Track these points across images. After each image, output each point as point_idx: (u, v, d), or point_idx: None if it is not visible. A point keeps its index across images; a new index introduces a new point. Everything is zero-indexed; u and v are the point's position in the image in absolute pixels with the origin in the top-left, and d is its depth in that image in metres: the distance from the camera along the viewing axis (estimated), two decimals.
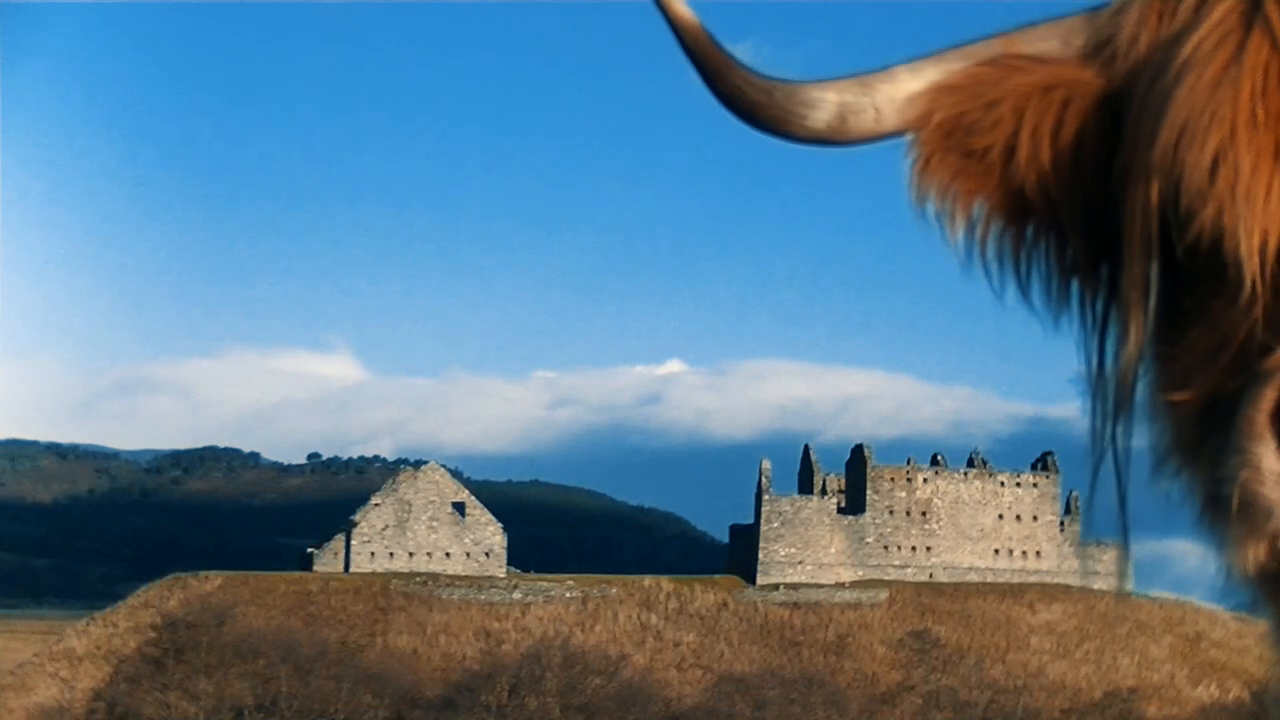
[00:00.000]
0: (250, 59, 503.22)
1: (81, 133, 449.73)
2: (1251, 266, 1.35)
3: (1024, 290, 1.62)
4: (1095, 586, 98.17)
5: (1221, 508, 1.35)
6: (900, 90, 1.57)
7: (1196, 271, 1.43)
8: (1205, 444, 1.42)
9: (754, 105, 1.57)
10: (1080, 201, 1.56)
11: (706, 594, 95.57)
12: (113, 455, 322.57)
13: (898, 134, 1.59)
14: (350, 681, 76.70)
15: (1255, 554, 1.33)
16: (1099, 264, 1.58)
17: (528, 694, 77.30)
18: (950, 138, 1.58)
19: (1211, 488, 1.39)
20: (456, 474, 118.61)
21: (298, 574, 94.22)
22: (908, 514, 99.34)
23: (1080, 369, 1.61)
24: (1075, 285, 1.61)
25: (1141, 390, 1.54)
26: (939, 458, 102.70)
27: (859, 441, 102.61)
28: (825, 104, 1.56)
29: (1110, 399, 1.55)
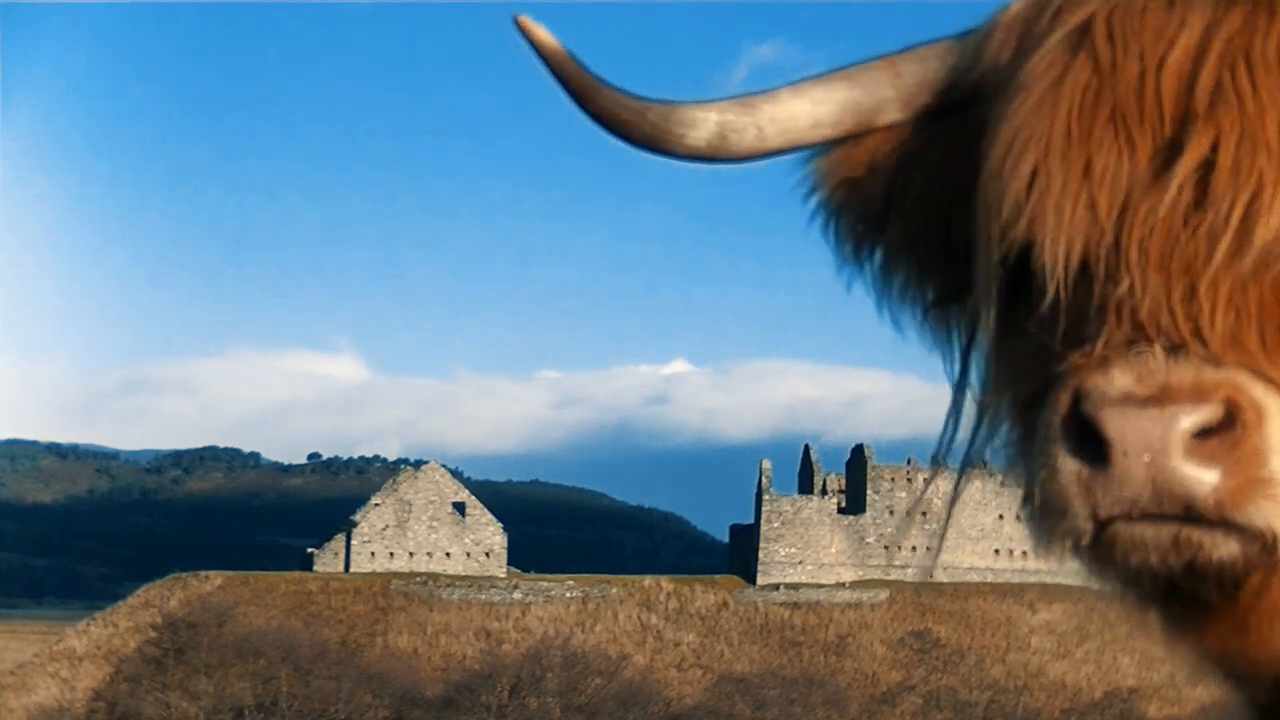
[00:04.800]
0: (253, 58, 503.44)
1: (83, 132, 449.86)
2: (1056, 276, 1.42)
3: (923, 317, 1.72)
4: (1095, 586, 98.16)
5: (1030, 505, 1.43)
6: (783, 110, 1.60)
7: (1020, 283, 1.50)
8: (1023, 445, 1.50)
9: (626, 125, 1.60)
10: (958, 231, 1.62)
11: (706, 594, 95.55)
12: (113, 455, 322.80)
13: (783, 152, 1.63)
14: (350, 681, 76.69)
15: (1060, 550, 1.41)
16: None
17: (528, 694, 77.28)
18: (839, 195, 1.68)
19: (1025, 486, 1.47)
20: (456, 474, 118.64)
21: (298, 574, 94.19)
22: (908, 514, 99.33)
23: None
24: (959, 308, 1.70)
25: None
26: None
27: (868, 441, 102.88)
28: (705, 123, 1.59)
29: (977, 406, 1.65)
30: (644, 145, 1.61)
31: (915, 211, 1.65)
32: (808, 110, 1.61)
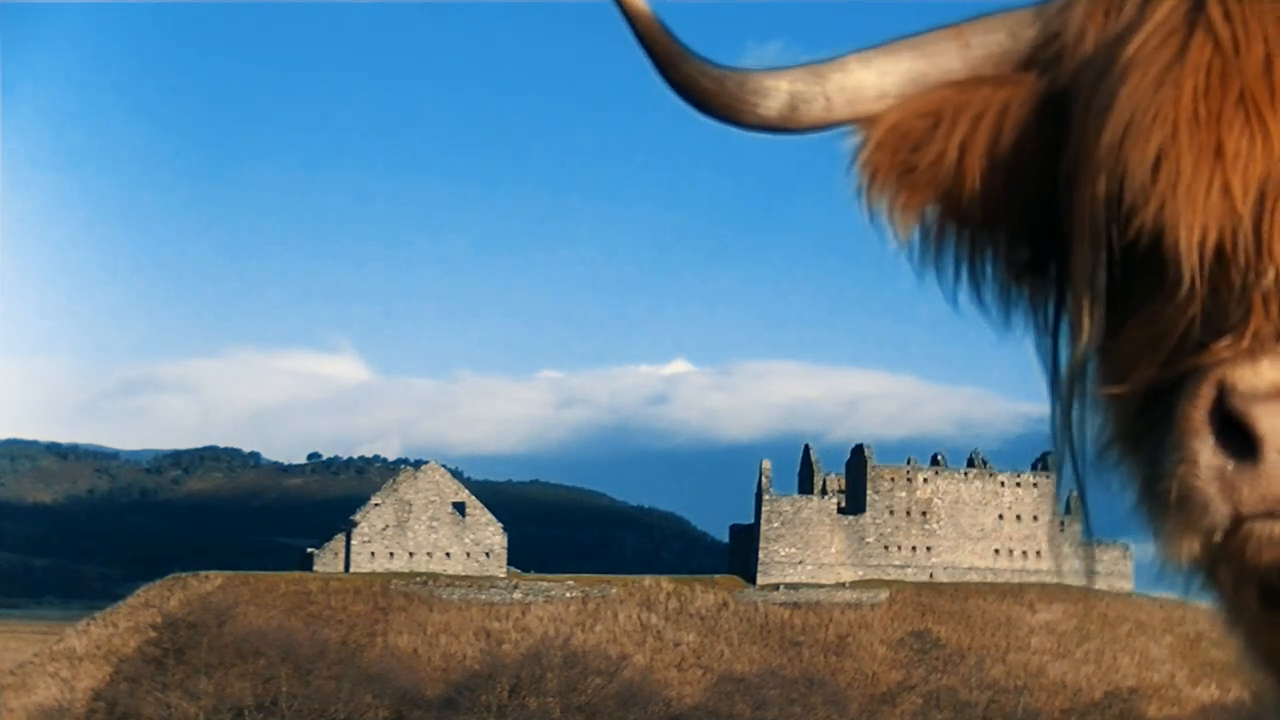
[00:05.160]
0: (252, 58, 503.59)
1: (83, 132, 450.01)
2: (1190, 263, 1.36)
3: (977, 293, 1.63)
4: (1097, 586, 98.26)
5: (1158, 499, 1.37)
6: (851, 80, 1.58)
7: (1135, 267, 1.44)
8: (1143, 436, 1.43)
9: (706, 94, 1.58)
10: (1027, 203, 1.57)
11: (706, 594, 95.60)
12: (113, 455, 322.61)
13: (847, 123, 1.60)
14: (350, 681, 76.69)
15: (1189, 546, 1.35)
16: (1048, 264, 1.60)
17: (528, 694, 77.28)
18: (895, 154, 1.59)
19: (1149, 479, 1.40)
20: (456, 474, 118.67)
21: (298, 574, 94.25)
22: (908, 514, 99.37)
23: (1039, 367, 1.62)
24: (1026, 285, 1.62)
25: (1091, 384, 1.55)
26: (939, 458, 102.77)
27: (868, 442, 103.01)
28: (777, 93, 1.57)
29: (1064, 394, 1.56)
30: (719, 115, 1.59)
31: (976, 176, 1.57)
32: (874, 81, 1.58)
